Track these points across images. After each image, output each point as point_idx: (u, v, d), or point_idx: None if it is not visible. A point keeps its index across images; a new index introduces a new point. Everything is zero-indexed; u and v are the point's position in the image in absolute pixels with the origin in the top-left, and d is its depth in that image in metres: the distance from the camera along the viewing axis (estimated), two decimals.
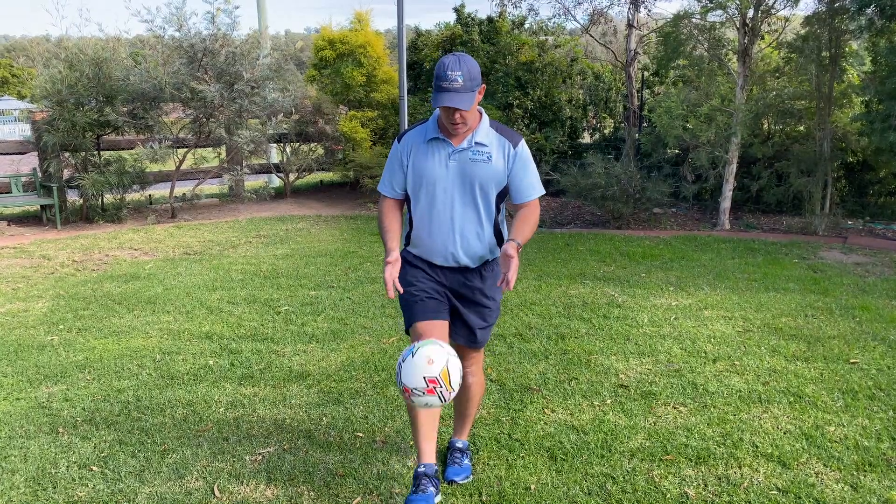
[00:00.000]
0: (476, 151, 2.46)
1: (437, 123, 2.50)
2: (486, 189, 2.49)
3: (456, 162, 2.46)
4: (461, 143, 2.47)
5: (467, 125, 2.43)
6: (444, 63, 2.33)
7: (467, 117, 2.40)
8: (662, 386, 3.66)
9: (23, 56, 44.81)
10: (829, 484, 2.74)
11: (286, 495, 2.70)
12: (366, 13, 11.01)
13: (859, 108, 8.50)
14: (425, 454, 2.57)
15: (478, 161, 2.46)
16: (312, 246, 7.37)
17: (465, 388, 2.72)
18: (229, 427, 3.25)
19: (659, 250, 7.03)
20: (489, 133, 2.49)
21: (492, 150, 2.47)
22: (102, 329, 4.66)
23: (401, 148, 2.55)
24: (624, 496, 2.67)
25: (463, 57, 2.34)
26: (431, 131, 2.49)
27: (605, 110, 11.85)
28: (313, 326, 4.67)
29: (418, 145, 2.50)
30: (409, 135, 2.55)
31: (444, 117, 2.41)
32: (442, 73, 2.32)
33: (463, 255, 2.54)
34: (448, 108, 2.35)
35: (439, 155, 2.47)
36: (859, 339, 4.37)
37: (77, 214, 9.16)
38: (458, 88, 2.31)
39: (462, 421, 2.87)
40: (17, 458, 3.00)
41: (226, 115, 9.15)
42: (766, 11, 8.22)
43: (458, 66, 2.32)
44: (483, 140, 2.47)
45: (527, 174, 2.52)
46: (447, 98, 2.31)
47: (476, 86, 2.36)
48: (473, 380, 2.73)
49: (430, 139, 2.49)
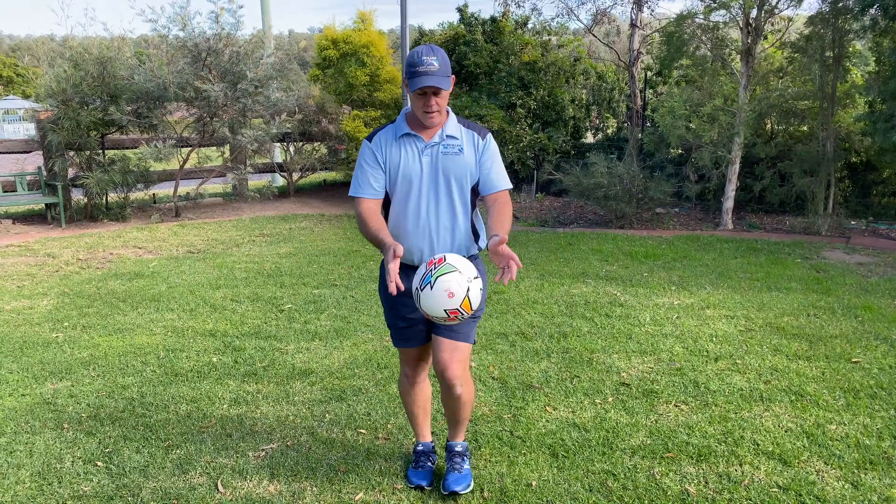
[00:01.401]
0: (447, 144, 2.46)
1: (406, 120, 2.49)
2: (461, 182, 2.48)
3: (429, 157, 2.45)
4: (432, 138, 2.46)
5: (441, 115, 2.42)
6: (419, 51, 2.33)
7: (442, 104, 2.39)
8: (664, 384, 3.67)
9: (28, 55, 44.96)
10: (829, 482, 2.75)
11: (289, 491, 2.71)
12: (369, 13, 11.04)
13: (863, 109, 8.49)
14: (422, 434, 2.85)
15: (449, 154, 2.45)
16: (315, 245, 7.40)
17: (454, 399, 2.60)
18: (233, 423, 3.27)
19: (661, 250, 7.03)
20: (458, 127, 2.50)
21: (462, 143, 2.48)
22: (107, 326, 4.69)
23: (373, 146, 2.49)
24: (625, 493, 2.68)
25: (434, 46, 2.36)
26: (402, 128, 2.47)
27: (608, 110, 11.86)
28: (316, 324, 4.69)
29: (390, 143, 2.47)
30: (380, 133, 2.51)
31: (419, 105, 2.38)
32: (417, 59, 2.32)
33: (440, 252, 2.48)
34: (425, 93, 2.33)
35: (412, 151, 2.46)
36: (861, 338, 4.37)
37: (81, 213, 9.20)
38: (434, 72, 2.31)
39: (457, 425, 2.78)
40: (22, 453, 3.02)
41: (229, 114, 9.18)
42: (770, 11, 8.21)
43: (433, 52, 2.32)
44: (453, 133, 2.47)
45: (496, 164, 2.52)
46: (426, 79, 2.30)
47: (450, 72, 2.37)
48: (462, 389, 2.58)
49: (402, 135, 2.47)
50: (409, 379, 2.76)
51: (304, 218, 9.16)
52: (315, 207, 10.07)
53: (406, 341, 2.66)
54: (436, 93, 2.35)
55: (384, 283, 2.60)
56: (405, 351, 2.71)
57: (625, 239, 7.62)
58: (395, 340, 2.70)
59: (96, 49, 8.84)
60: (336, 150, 11.12)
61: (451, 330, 2.53)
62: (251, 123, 9.55)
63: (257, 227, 8.56)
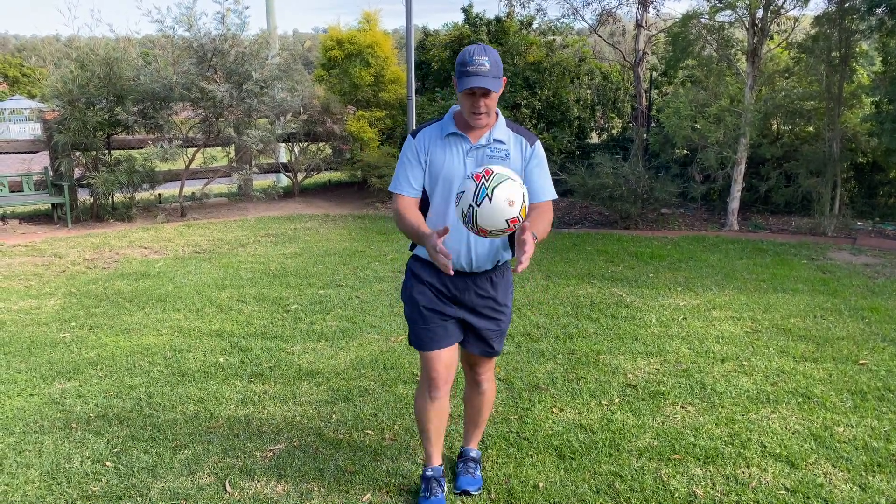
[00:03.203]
0: (494, 149, 2.39)
1: (454, 120, 2.43)
2: None
3: (473, 159, 2.38)
4: (479, 140, 2.39)
5: (490, 116, 2.36)
6: (470, 50, 2.27)
7: (491, 106, 2.32)
8: (670, 386, 3.67)
9: (34, 56, 45.14)
10: (837, 484, 2.75)
11: (297, 491, 2.72)
12: (374, 13, 11.05)
13: (869, 109, 8.46)
14: (433, 458, 2.66)
15: (495, 158, 2.38)
16: (321, 245, 7.41)
17: (479, 394, 2.72)
18: (240, 424, 3.28)
19: (667, 251, 7.02)
20: (506, 131, 2.43)
21: (510, 148, 2.41)
22: (114, 326, 4.71)
23: (417, 143, 2.43)
24: (632, 495, 2.68)
25: (487, 46, 2.31)
26: (449, 127, 2.41)
27: (613, 110, 11.84)
28: (322, 325, 4.70)
29: (435, 141, 2.41)
30: (425, 130, 2.45)
31: (467, 106, 2.31)
32: (468, 58, 2.25)
33: (475, 257, 2.43)
34: (473, 93, 2.27)
35: (457, 151, 2.39)
36: (868, 340, 4.36)
37: (88, 213, 9.23)
38: (485, 73, 2.24)
39: (474, 428, 2.83)
40: (31, 452, 3.04)
41: (235, 114, 9.20)
42: (776, 11, 8.19)
43: (485, 52, 2.26)
44: (501, 137, 2.41)
45: (542, 174, 2.46)
46: (476, 80, 2.23)
47: (501, 74, 2.31)
48: (488, 385, 2.72)
49: (448, 134, 2.40)
50: (430, 394, 2.53)
51: (310, 218, 9.17)
52: (320, 207, 10.08)
53: (438, 341, 2.48)
54: (485, 94, 2.28)
55: (410, 284, 2.54)
56: (432, 356, 2.49)
57: (630, 239, 7.61)
58: (424, 343, 2.50)
59: (102, 50, 8.87)
60: (341, 151, 11.14)
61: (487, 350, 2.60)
62: (256, 124, 9.56)
63: (262, 227, 8.58)
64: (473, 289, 2.49)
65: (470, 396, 2.77)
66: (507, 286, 2.59)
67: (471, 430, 2.84)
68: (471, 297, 2.50)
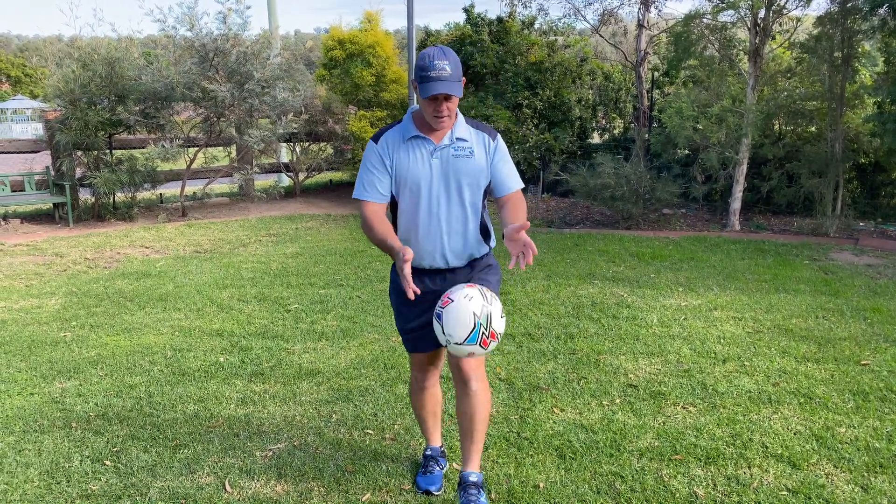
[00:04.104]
0: (458, 147, 2.39)
1: (414, 121, 2.41)
2: (473, 184, 2.43)
3: (438, 160, 2.39)
4: (442, 141, 2.39)
5: (452, 118, 2.37)
6: (430, 54, 2.25)
7: (453, 109, 2.34)
8: (671, 386, 3.66)
9: (36, 56, 45.19)
10: (839, 485, 2.73)
11: (296, 491, 2.72)
12: (376, 13, 11.05)
13: (871, 109, 8.44)
14: (431, 438, 2.83)
15: (460, 156, 2.39)
16: (322, 245, 7.40)
17: (468, 396, 2.46)
18: (240, 423, 3.27)
19: (668, 251, 7.01)
20: (467, 129, 2.44)
21: (472, 145, 2.42)
22: (114, 326, 4.71)
23: (380, 149, 2.40)
24: (633, 495, 2.67)
25: (446, 48, 2.29)
26: (410, 130, 2.40)
27: (614, 110, 11.83)
28: (323, 324, 4.70)
29: (398, 145, 2.39)
30: (387, 135, 2.42)
31: (430, 110, 2.32)
32: (429, 63, 2.24)
33: (451, 255, 2.47)
34: (436, 98, 2.28)
35: (421, 153, 2.39)
36: (870, 340, 4.34)
37: (89, 212, 9.24)
38: (447, 77, 2.24)
39: (470, 444, 2.53)
40: (31, 451, 3.03)
41: (236, 114, 9.21)
42: (778, 11, 8.18)
43: (445, 56, 2.25)
44: (463, 135, 2.41)
45: (508, 165, 2.49)
46: (440, 86, 2.23)
47: (461, 75, 2.31)
48: (477, 385, 2.45)
49: (410, 138, 2.39)
50: (418, 383, 2.72)
51: (311, 218, 9.17)
52: (321, 207, 10.08)
53: (417, 346, 2.62)
54: (447, 98, 2.30)
55: (395, 287, 2.58)
56: (415, 355, 2.67)
57: (631, 240, 7.60)
58: (406, 345, 2.66)
59: (104, 49, 8.88)
60: (342, 150, 11.14)
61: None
62: (258, 123, 9.57)
63: (264, 226, 8.58)
64: (452, 279, 2.50)
65: (461, 403, 2.50)
66: (487, 266, 2.57)
67: (467, 445, 2.54)
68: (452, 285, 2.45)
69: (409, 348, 2.65)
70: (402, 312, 2.59)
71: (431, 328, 2.45)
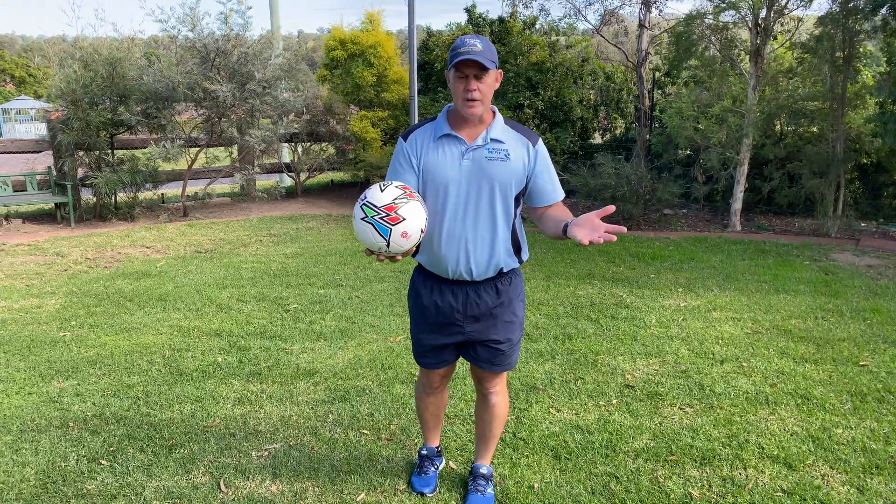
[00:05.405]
0: (492, 149, 2.23)
1: (448, 119, 2.29)
2: (505, 190, 2.26)
3: (470, 161, 2.23)
4: (475, 141, 2.24)
5: (484, 105, 2.20)
6: (462, 38, 2.17)
7: (485, 92, 2.17)
8: (669, 387, 3.65)
9: (39, 56, 45.35)
10: (835, 486, 2.73)
11: (291, 491, 2.72)
12: (377, 13, 11.06)
13: (873, 109, 8.41)
14: (429, 438, 2.81)
15: (494, 159, 2.23)
16: (322, 245, 7.41)
17: (488, 408, 2.57)
18: (236, 423, 3.28)
19: (668, 251, 7.00)
20: (505, 130, 2.28)
21: (509, 148, 2.26)
22: (114, 325, 4.72)
23: (408, 146, 2.29)
24: (628, 496, 2.67)
25: (480, 35, 2.22)
26: (442, 127, 2.27)
27: (616, 111, 11.81)
28: (321, 324, 4.70)
29: (427, 143, 2.26)
30: (417, 132, 2.30)
31: (459, 90, 2.16)
32: (460, 42, 2.15)
33: (475, 266, 2.30)
34: (466, 76, 2.14)
35: (451, 154, 2.24)
36: (869, 341, 4.33)
37: (91, 212, 9.26)
38: (478, 52, 2.10)
39: (484, 444, 2.69)
40: (28, 451, 3.04)
41: (238, 114, 9.22)
42: (779, 12, 8.16)
43: (478, 38, 2.16)
44: (499, 137, 2.25)
45: (550, 174, 2.34)
46: (469, 56, 2.10)
47: (496, 61, 2.17)
48: (497, 399, 2.55)
49: (441, 136, 2.26)
50: (425, 388, 2.65)
51: (312, 218, 9.18)
52: (322, 208, 10.09)
53: (433, 364, 2.52)
54: (477, 76, 2.14)
55: (415, 293, 2.48)
56: (428, 370, 2.58)
57: (632, 240, 7.59)
58: (420, 361, 2.55)
59: (106, 50, 8.90)
60: (344, 151, 11.15)
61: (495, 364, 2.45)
62: (259, 124, 9.58)
63: (264, 227, 8.59)
64: (476, 299, 2.37)
65: (479, 410, 2.64)
66: (516, 295, 2.43)
67: (481, 445, 2.71)
68: (475, 309, 2.37)
69: (420, 360, 2.56)
70: (419, 323, 2.49)
71: (444, 351, 2.47)
